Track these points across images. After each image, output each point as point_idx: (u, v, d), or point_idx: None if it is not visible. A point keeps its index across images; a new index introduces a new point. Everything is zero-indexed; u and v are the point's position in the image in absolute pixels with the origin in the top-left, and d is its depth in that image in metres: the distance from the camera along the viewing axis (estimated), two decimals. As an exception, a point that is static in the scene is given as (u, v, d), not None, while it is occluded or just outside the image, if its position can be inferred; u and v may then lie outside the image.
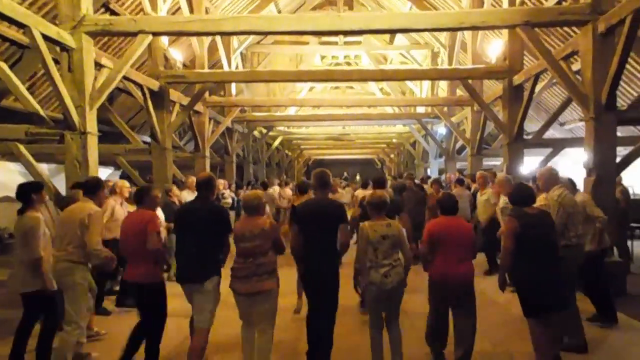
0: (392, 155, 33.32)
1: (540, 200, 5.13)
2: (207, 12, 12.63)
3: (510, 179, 7.85)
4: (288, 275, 6.27)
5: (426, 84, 18.22)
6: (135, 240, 4.41)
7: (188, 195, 8.67)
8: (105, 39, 11.04)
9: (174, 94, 11.05)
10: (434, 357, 4.72)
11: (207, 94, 12.77)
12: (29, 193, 4.72)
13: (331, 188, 6.18)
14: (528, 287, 4.24)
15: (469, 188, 10.29)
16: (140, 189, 4.83)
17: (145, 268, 4.40)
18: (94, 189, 4.95)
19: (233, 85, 15.39)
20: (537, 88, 9.98)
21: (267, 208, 10.79)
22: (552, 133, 15.15)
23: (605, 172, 6.88)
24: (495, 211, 7.89)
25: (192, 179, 8.94)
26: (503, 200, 7.19)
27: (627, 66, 8.48)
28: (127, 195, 7.11)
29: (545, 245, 4.23)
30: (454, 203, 4.64)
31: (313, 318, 4.57)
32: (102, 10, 10.24)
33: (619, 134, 7.35)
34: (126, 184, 7.17)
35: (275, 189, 13.76)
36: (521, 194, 4.47)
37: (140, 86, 9.71)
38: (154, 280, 4.47)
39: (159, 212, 7.66)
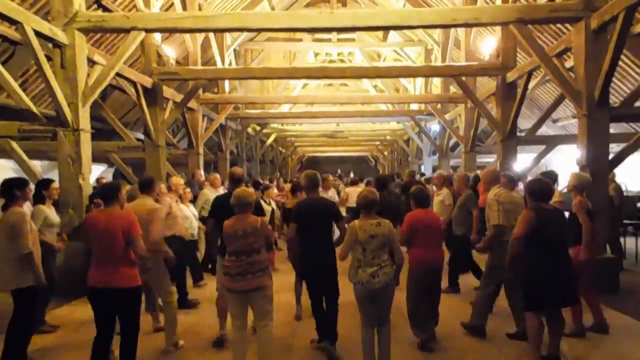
0: (385, 153, 33.32)
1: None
2: (200, 8, 12.59)
3: (469, 176, 7.84)
4: (283, 273, 6.30)
5: (420, 81, 18.24)
6: (112, 242, 4.01)
7: (210, 192, 8.42)
8: (98, 35, 10.98)
9: (167, 91, 11.01)
10: (422, 341, 5.01)
11: (200, 91, 12.72)
12: (12, 189, 4.65)
13: (325, 186, 6.47)
14: (538, 283, 4.29)
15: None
16: (110, 185, 4.45)
17: (127, 271, 4.07)
18: (149, 186, 5.39)
19: (226, 82, 15.33)
20: (530, 85, 10.01)
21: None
22: (545, 130, 15.21)
23: (598, 169, 6.91)
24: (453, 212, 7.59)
25: (215, 176, 9.01)
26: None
27: (620, 63, 8.52)
28: (182, 192, 7.12)
29: (558, 242, 4.32)
30: (427, 197, 5.19)
31: (317, 303, 4.98)
32: (95, 6, 10.19)
33: (611, 130, 7.37)
34: (181, 181, 7.11)
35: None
36: (541, 189, 4.48)
37: (133, 83, 9.67)
38: (138, 284, 4.18)
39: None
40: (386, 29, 12.83)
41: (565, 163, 13.32)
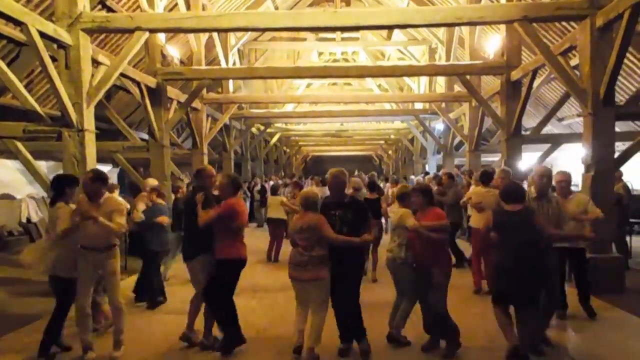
0: (390, 152, 33.32)
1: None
2: (203, 8, 12.59)
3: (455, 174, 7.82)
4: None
5: (424, 80, 18.19)
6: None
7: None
8: (102, 36, 10.99)
9: (172, 91, 11.02)
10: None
11: (204, 91, 12.74)
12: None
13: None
14: (498, 279, 4.71)
15: (469, 185, 10.17)
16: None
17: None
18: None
19: (230, 81, 15.34)
20: (535, 83, 9.97)
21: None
22: (550, 128, 15.15)
23: (603, 168, 6.89)
24: None
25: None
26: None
27: (626, 61, 8.48)
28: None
29: (519, 243, 4.39)
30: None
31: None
32: (99, 7, 10.19)
33: (617, 129, 7.35)
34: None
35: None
36: (505, 191, 4.74)
37: (137, 83, 9.69)
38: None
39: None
40: (390, 27, 12.81)
41: (571, 162, 13.26)
